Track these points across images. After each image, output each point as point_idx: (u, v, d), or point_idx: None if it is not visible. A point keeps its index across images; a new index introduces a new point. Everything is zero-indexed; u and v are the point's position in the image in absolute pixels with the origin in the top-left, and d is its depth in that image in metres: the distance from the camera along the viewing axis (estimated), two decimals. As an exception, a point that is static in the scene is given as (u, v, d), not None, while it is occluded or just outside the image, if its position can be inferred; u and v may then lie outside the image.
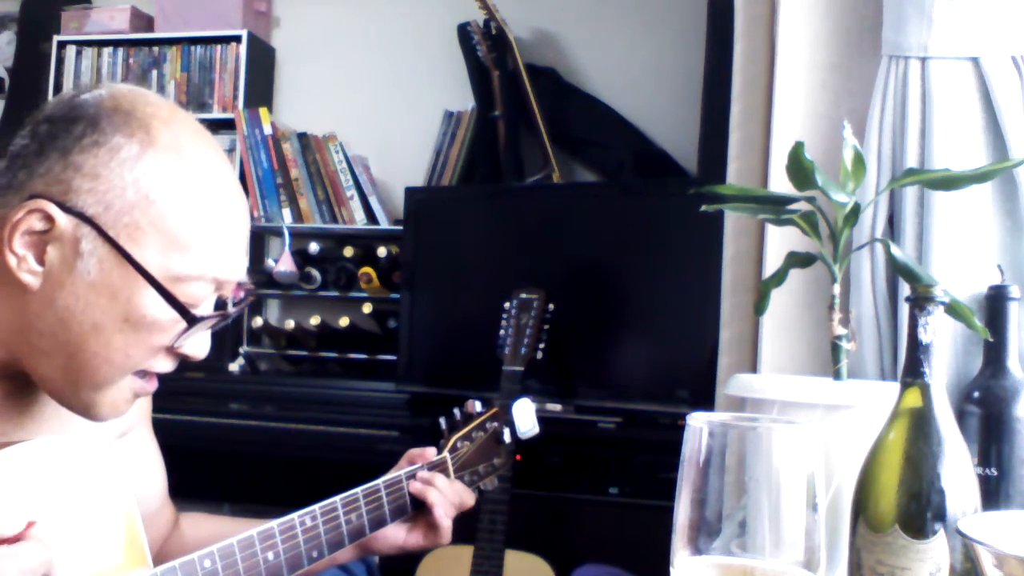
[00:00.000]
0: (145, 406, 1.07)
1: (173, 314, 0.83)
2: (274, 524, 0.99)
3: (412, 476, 1.17)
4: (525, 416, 1.31)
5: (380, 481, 1.13)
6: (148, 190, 0.81)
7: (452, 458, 1.23)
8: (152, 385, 0.88)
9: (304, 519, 1.02)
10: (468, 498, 1.20)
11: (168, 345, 0.85)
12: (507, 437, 1.29)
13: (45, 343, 0.82)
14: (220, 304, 0.89)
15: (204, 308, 0.87)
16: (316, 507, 1.04)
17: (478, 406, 1.30)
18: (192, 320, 0.84)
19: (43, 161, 0.82)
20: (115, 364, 0.83)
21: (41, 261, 0.81)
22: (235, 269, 0.88)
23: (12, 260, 0.81)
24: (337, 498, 1.07)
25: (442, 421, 1.26)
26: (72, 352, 0.82)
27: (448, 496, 1.16)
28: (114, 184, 0.81)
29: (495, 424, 1.29)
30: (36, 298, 0.81)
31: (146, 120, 0.83)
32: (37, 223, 0.80)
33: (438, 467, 1.20)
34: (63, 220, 0.80)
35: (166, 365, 0.87)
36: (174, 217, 0.82)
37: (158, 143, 0.83)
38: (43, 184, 0.81)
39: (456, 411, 1.28)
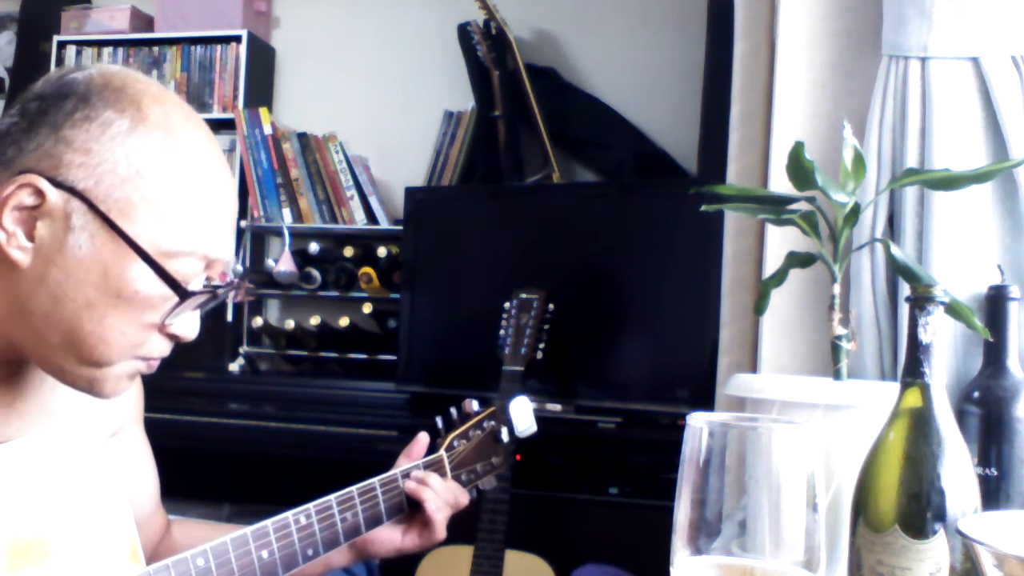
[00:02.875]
0: (137, 406, 1.06)
1: (164, 290, 0.83)
2: (268, 522, 0.98)
3: (407, 475, 1.17)
4: (522, 415, 1.30)
5: (376, 480, 1.13)
6: (139, 165, 0.81)
7: (448, 457, 1.23)
8: (154, 364, 0.88)
9: (299, 517, 1.02)
10: (462, 497, 1.21)
11: (159, 323, 0.85)
12: (505, 436, 1.28)
13: (39, 323, 0.82)
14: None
15: (194, 287, 0.86)
16: (311, 505, 1.04)
17: (475, 405, 1.30)
18: (184, 294, 0.83)
19: (33, 137, 0.81)
20: (112, 344, 0.83)
21: (31, 237, 0.80)
22: (223, 247, 0.87)
23: (2, 236, 0.80)
24: (332, 496, 1.06)
25: (439, 420, 1.26)
26: (67, 330, 0.81)
27: (442, 494, 1.17)
28: (105, 159, 0.80)
29: (492, 423, 1.28)
30: (27, 276, 0.81)
31: (137, 97, 0.83)
32: (27, 198, 0.80)
33: (434, 466, 1.20)
34: (54, 195, 0.79)
35: (161, 347, 0.87)
36: (164, 193, 0.82)
37: (149, 119, 0.82)
38: (33, 159, 0.80)
39: (453, 410, 1.28)
